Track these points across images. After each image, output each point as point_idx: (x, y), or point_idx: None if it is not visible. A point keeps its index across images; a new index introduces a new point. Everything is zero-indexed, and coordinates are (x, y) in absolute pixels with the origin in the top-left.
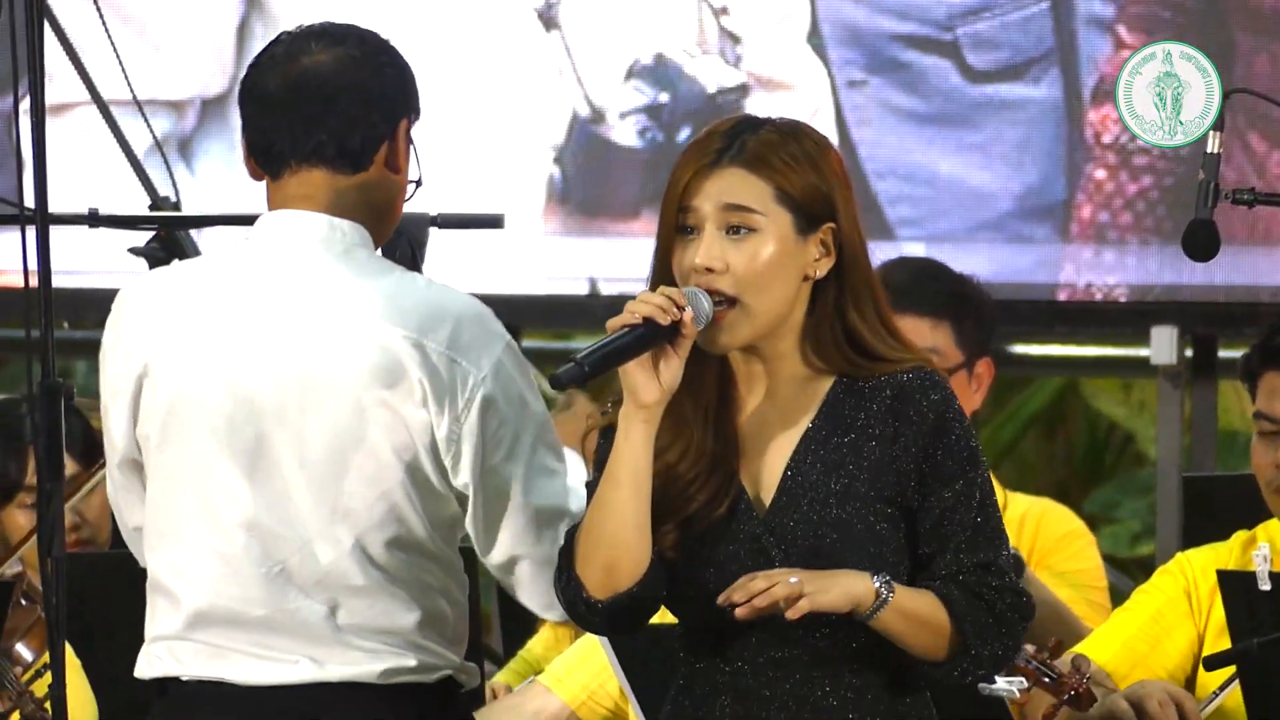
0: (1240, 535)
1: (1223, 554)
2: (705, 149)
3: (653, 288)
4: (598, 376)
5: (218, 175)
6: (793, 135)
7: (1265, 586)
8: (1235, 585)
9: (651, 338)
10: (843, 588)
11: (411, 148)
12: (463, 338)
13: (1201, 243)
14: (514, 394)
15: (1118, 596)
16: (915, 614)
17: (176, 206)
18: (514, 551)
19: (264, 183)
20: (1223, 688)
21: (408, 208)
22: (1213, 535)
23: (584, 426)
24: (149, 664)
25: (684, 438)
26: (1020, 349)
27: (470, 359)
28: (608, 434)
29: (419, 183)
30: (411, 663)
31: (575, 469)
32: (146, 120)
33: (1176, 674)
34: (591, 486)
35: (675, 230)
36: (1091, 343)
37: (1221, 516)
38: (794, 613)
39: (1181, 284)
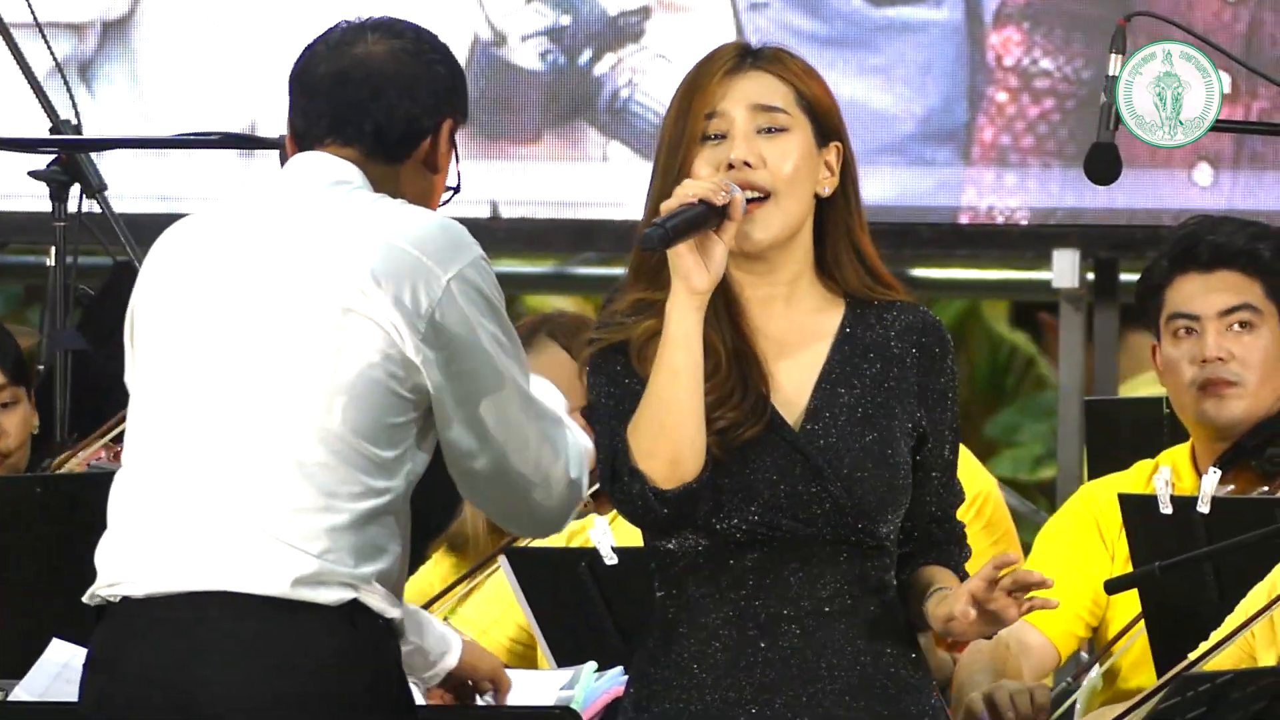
0: (1143, 466)
1: (1125, 484)
2: (722, 58)
3: (659, 201)
4: (675, 244)
5: (118, 98)
6: (794, 55)
7: (1166, 510)
8: (1137, 509)
9: (705, 219)
10: None
11: (453, 152)
12: (433, 242)
13: (1103, 166)
14: (481, 303)
15: (1019, 520)
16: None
17: (77, 129)
18: (475, 445)
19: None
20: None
21: None
22: (1114, 459)
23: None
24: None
25: (709, 358)
26: (921, 272)
27: (439, 262)
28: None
29: (457, 189)
30: (311, 568)
31: (550, 393)
32: (47, 42)
33: (1095, 610)
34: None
35: (700, 140)
36: (993, 266)
37: (1123, 440)
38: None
39: (1083, 207)
